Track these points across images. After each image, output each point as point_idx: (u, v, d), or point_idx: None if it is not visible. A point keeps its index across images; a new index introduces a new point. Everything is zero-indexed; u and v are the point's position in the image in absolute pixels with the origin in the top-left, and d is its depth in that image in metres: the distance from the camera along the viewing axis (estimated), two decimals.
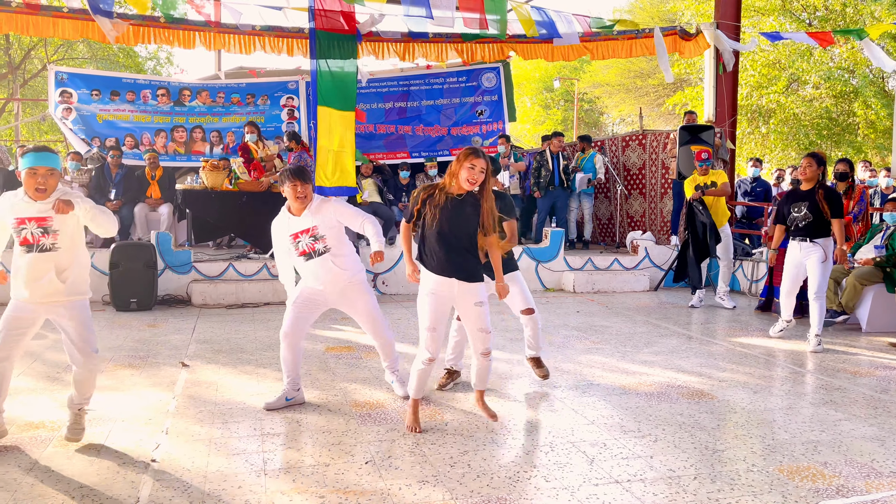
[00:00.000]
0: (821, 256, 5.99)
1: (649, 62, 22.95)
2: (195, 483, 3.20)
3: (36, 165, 3.44)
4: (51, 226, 3.51)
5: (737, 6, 10.25)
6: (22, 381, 4.82)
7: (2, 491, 3.09)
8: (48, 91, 11.65)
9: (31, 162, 3.44)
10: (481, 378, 4.13)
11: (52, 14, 9.13)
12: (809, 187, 6.09)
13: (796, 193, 6.20)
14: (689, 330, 6.85)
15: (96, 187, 9.29)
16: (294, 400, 4.33)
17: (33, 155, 3.45)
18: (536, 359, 4.86)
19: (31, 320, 3.61)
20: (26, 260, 3.51)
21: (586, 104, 34.08)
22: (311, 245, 4.20)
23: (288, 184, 4.18)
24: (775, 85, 16.43)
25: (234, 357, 5.57)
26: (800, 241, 6.10)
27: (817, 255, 6.00)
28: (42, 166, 3.44)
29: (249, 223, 8.94)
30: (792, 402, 4.52)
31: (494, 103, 12.21)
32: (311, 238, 4.20)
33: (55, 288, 3.54)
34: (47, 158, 3.46)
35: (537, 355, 4.86)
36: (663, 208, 10.55)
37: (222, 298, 8.00)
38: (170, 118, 11.67)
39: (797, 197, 6.15)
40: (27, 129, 22.26)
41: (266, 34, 9.80)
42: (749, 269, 9.16)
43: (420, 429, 3.89)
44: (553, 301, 8.46)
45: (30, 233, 3.49)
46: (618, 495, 3.12)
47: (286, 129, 11.63)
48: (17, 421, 4.00)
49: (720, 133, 9.77)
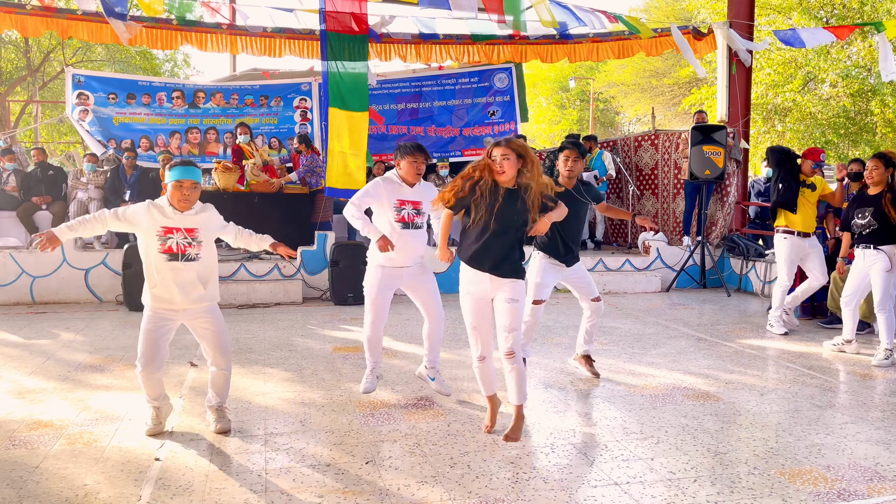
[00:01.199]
0: (885, 265, 5.59)
1: (665, 61, 22.83)
2: (197, 481, 3.24)
3: (183, 178, 3.63)
4: (197, 236, 3.68)
5: (750, 5, 10.17)
6: (33, 380, 4.90)
7: (8, 488, 3.14)
8: (66, 93, 11.82)
9: (179, 175, 3.63)
10: (514, 388, 3.81)
11: (67, 17, 9.27)
12: (877, 191, 5.70)
13: (862, 198, 5.82)
14: (700, 332, 6.81)
15: (112, 188, 9.41)
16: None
17: (181, 169, 3.64)
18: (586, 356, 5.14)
19: (172, 328, 3.77)
20: (171, 268, 3.63)
21: (602, 104, 33.94)
22: (412, 216, 4.37)
23: (408, 157, 4.32)
24: (791, 83, 16.26)
25: (243, 357, 5.62)
26: (863, 249, 5.71)
27: (882, 263, 5.61)
28: (188, 179, 3.64)
29: (261, 224, 8.99)
30: (798, 405, 4.48)
31: (507, 104, 12.21)
32: (414, 210, 4.37)
33: (199, 294, 3.71)
34: (193, 172, 3.66)
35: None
36: (675, 209, 10.49)
37: (233, 298, 8.07)
38: (184, 120, 11.80)
39: (862, 201, 5.78)
40: (46, 131, 22.57)
41: (277, 36, 9.87)
42: (762, 269, 9.08)
43: (491, 428, 3.90)
44: (563, 302, 8.44)
45: (176, 242, 3.64)
46: (616, 497, 3.12)
47: (299, 130, 11.71)
48: (26, 419, 4.06)
49: (733, 133, 9.70)
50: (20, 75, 20.71)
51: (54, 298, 8.05)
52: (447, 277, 9.07)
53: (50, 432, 3.87)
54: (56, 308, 7.73)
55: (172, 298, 3.66)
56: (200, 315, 3.75)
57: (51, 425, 3.98)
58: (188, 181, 3.64)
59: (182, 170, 3.64)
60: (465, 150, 11.86)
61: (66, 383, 4.83)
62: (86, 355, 5.62)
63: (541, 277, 4.80)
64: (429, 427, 3.99)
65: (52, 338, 6.25)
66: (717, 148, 9.14)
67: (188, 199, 3.65)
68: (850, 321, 5.91)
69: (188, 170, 3.65)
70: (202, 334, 3.80)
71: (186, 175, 3.64)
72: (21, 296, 7.99)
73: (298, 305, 8.14)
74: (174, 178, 3.64)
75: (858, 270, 5.81)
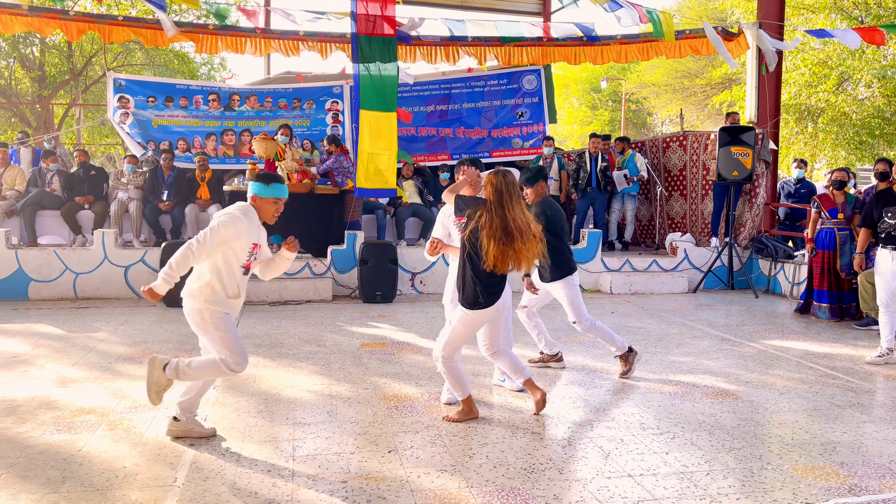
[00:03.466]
0: None
1: (696, 62, 22.65)
2: (228, 466, 3.42)
3: (281, 197, 3.72)
4: (259, 251, 3.80)
5: (780, 5, 10.11)
6: (75, 371, 5.14)
7: (53, 469, 3.36)
8: (107, 97, 12.20)
9: (281, 193, 3.72)
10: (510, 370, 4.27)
11: (108, 22, 9.62)
12: None
13: (889, 196, 5.70)
14: (724, 332, 6.84)
15: (150, 189, 9.72)
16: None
17: (282, 187, 3.72)
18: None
19: None
20: (244, 280, 3.76)
21: (633, 104, 33.74)
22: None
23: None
24: (824, 83, 16.05)
25: (274, 351, 5.82)
26: (891, 251, 5.60)
27: None
28: (284, 198, 3.73)
29: (292, 223, 9.23)
30: (818, 404, 4.52)
31: (535, 105, 12.29)
32: None
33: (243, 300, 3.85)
34: (286, 192, 3.75)
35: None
36: (704, 210, 10.48)
37: (266, 296, 8.30)
38: (220, 122, 12.10)
39: (890, 200, 5.65)
40: (88, 133, 23.24)
41: (309, 39, 10.10)
42: (791, 271, 9.04)
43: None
44: (589, 302, 8.49)
45: (254, 257, 3.77)
46: (628, 488, 3.22)
47: (330, 132, 11.95)
48: (70, 407, 4.29)
49: (762, 134, 9.66)
50: (64, 79, 21.36)
51: (96, 294, 8.36)
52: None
53: (92, 419, 4.09)
54: (97, 303, 8.04)
55: (237, 305, 3.76)
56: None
57: (93, 412, 4.21)
58: (283, 199, 3.73)
59: (283, 188, 3.72)
60: (494, 151, 11.96)
61: (107, 374, 5.07)
62: (125, 348, 5.87)
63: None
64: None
65: (94, 331, 6.53)
66: (746, 149, 9.11)
67: (277, 216, 3.77)
68: (888, 329, 5.67)
69: (285, 188, 3.74)
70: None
71: (285, 193, 3.73)
72: (64, 291, 8.32)
73: (328, 303, 8.34)
74: (276, 195, 3.70)
75: (888, 271, 5.63)
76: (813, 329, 7.05)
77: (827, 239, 7.52)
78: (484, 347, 4.22)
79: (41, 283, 8.27)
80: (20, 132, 13.29)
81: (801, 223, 9.98)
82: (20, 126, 20.07)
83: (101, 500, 3.03)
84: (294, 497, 3.09)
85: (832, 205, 7.49)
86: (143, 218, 9.51)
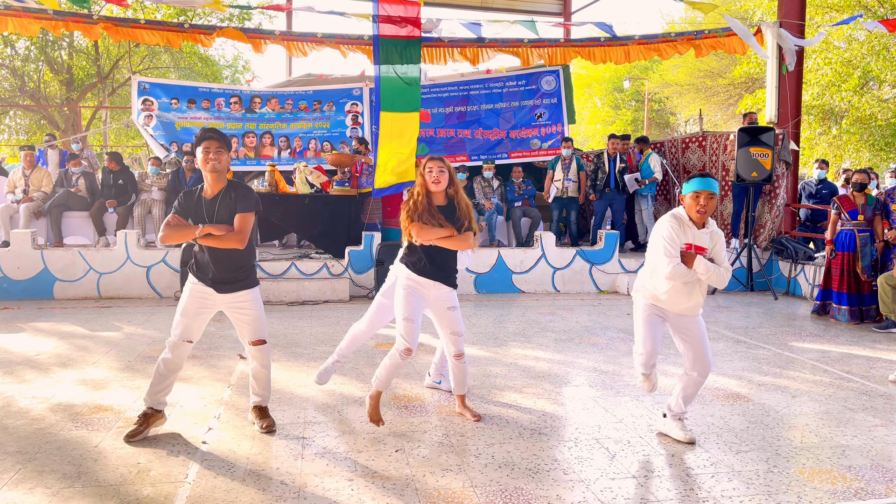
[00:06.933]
0: None
1: (719, 61, 22.42)
2: (239, 464, 3.50)
3: (700, 189, 3.63)
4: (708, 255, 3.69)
5: (801, 4, 10.00)
6: (96, 369, 5.27)
7: (69, 465, 3.46)
8: (132, 99, 12.44)
9: (700, 186, 3.64)
10: (458, 382, 4.23)
11: (132, 25, 9.80)
12: None
13: None
14: (740, 334, 6.80)
15: (173, 190, 9.88)
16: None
17: (703, 180, 3.64)
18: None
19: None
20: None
21: (656, 104, 33.48)
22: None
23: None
24: (847, 83, 15.80)
25: (289, 351, 5.90)
26: None
27: None
28: (706, 190, 3.62)
29: (310, 224, 9.36)
30: (829, 408, 4.49)
31: (554, 106, 12.28)
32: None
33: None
34: (713, 185, 3.66)
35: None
36: (723, 211, 10.40)
37: (284, 296, 8.41)
38: (241, 124, 12.27)
39: None
40: (114, 135, 23.64)
41: (327, 41, 10.21)
42: (811, 273, 8.94)
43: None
44: (605, 303, 8.50)
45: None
46: (632, 490, 3.23)
47: (350, 133, 12.06)
48: (88, 404, 4.41)
49: (782, 134, 9.56)
50: (91, 82, 21.76)
51: (118, 294, 8.54)
52: (487, 278, 9.22)
53: (109, 416, 4.19)
54: (120, 303, 8.21)
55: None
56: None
57: (110, 409, 4.31)
58: (706, 192, 3.64)
59: (704, 181, 3.66)
60: (512, 152, 11.99)
61: (127, 372, 5.18)
62: (145, 347, 5.99)
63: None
64: (458, 420, 4.17)
65: (116, 330, 6.67)
66: (765, 150, 9.04)
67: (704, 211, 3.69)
68: None
69: (709, 182, 3.65)
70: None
71: (707, 186, 3.65)
72: (88, 291, 8.50)
73: (345, 303, 8.42)
74: (694, 188, 3.65)
75: None
76: (831, 331, 6.98)
77: (847, 241, 7.44)
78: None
79: (66, 282, 8.46)
80: (48, 134, 13.58)
81: (822, 224, 9.87)
82: (49, 128, 20.49)
83: (114, 495, 3.12)
84: (301, 494, 3.16)
85: (852, 206, 7.41)
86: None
